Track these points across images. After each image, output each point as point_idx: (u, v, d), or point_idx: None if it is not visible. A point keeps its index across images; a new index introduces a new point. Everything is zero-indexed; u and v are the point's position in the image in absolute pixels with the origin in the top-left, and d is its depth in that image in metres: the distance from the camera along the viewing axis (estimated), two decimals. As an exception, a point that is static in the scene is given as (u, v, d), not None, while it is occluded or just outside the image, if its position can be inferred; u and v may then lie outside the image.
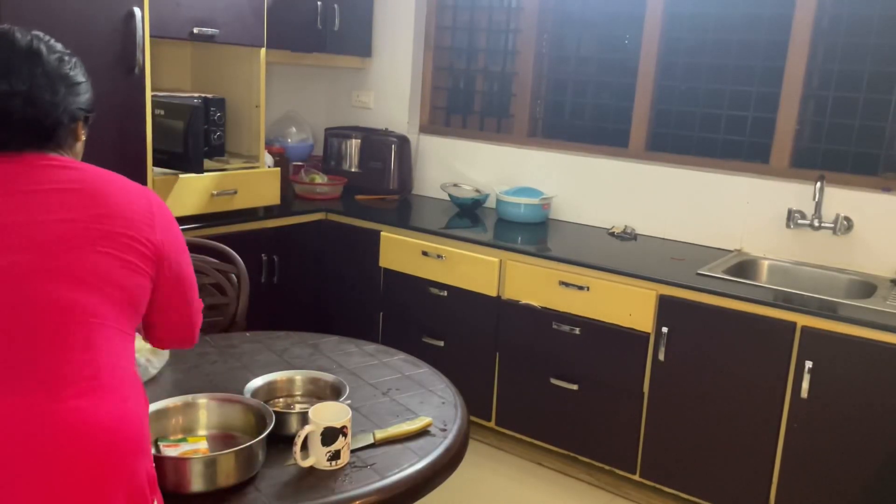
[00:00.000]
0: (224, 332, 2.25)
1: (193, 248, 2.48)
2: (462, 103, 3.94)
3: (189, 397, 1.54)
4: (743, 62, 3.10)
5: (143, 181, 2.78)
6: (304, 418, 1.54)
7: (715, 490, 2.62)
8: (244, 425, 1.52)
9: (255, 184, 3.22)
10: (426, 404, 1.75)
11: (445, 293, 3.13)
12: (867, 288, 2.69)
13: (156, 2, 2.78)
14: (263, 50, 3.23)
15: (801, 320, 2.40)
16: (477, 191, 3.67)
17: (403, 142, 3.82)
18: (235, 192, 3.13)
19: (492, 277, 2.99)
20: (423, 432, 1.61)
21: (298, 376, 1.72)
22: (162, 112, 2.86)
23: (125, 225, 1.22)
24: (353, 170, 3.88)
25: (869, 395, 2.31)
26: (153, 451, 1.41)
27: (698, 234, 3.17)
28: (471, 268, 3.04)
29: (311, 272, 3.53)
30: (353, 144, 3.88)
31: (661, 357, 2.65)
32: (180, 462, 1.33)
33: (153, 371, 1.81)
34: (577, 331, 2.82)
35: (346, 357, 2.00)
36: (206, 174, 2.99)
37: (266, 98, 3.55)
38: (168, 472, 1.32)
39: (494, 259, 2.98)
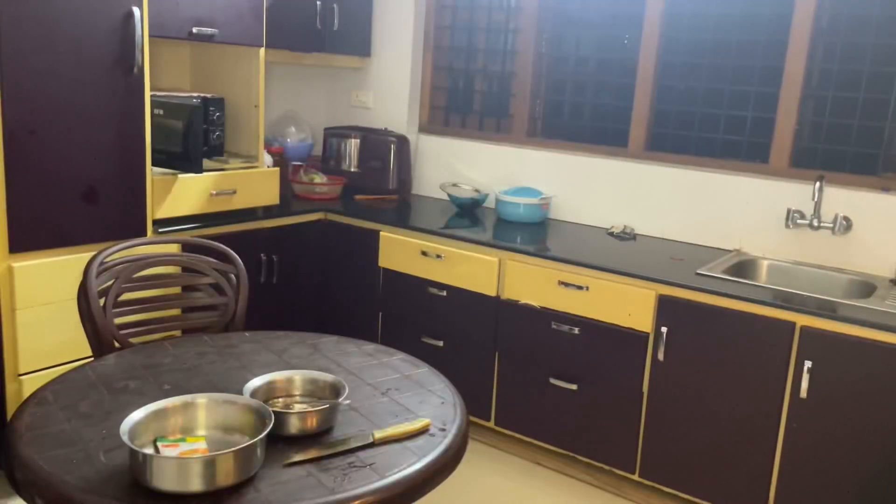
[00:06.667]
0: (223, 332, 2.24)
1: (192, 247, 2.49)
2: (461, 103, 3.94)
3: (188, 397, 1.53)
4: (742, 62, 3.10)
5: (142, 181, 2.78)
6: (303, 418, 1.54)
7: (714, 490, 2.63)
8: (243, 425, 1.52)
9: (254, 184, 3.22)
10: (425, 404, 1.75)
11: (445, 293, 3.13)
12: (866, 288, 2.69)
13: (155, 1, 2.77)
14: (263, 49, 3.22)
15: (801, 320, 2.40)
16: (476, 191, 3.66)
17: (403, 141, 3.82)
18: (234, 192, 3.13)
19: (491, 277, 2.99)
20: (422, 432, 1.61)
21: (298, 376, 1.72)
22: (161, 112, 2.86)
23: None
24: (352, 169, 3.88)
25: (868, 395, 2.31)
26: (152, 450, 1.41)
27: (697, 233, 3.17)
28: (470, 268, 3.04)
29: (311, 272, 3.53)
30: (353, 144, 3.88)
31: (661, 357, 2.65)
32: (179, 462, 1.33)
33: None
34: (577, 331, 2.82)
35: (345, 357, 1.99)
36: (205, 174, 2.99)
37: (265, 98, 3.55)
38: (167, 472, 1.32)
39: (494, 259, 2.98)
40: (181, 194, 2.94)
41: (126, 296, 2.24)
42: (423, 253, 3.15)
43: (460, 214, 3.53)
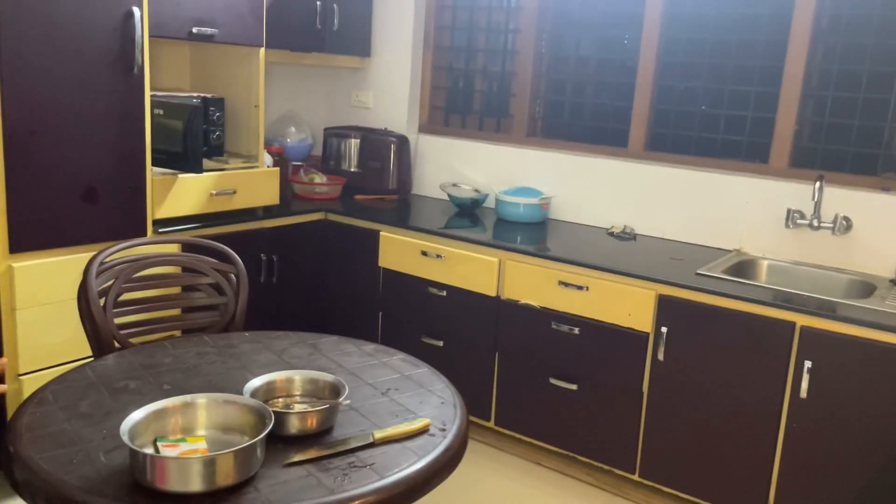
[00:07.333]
0: (223, 332, 2.24)
1: (192, 247, 2.49)
2: (461, 103, 3.94)
3: (188, 397, 1.53)
4: (742, 62, 3.10)
5: (142, 181, 2.78)
6: (303, 418, 1.54)
7: (714, 490, 2.63)
8: (243, 425, 1.52)
9: (254, 184, 3.22)
10: (425, 404, 1.75)
11: (445, 293, 3.13)
12: (866, 288, 2.69)
13: (155, 1, 2.77)
14: (263, 50, 3.22)
15: (801, 320, 2.40)
16: (476, 191, 3.66)
17: (402, 141, 3.82)
18: (234, 192, 3.13)
19: (491, 277, 2.99)
20: (422, 432, 1.61)
21: (297, 376, 1.72)
22: (161, 112, 2.86)
23: None
24: (352, 169, 3.88)
25: (868, 395, 2.31)
26: (152, 450, 1.41)
27: (697, 233, 3.17)
28: (470, 268, 3.03)
29: (311, 272, 3.53)
30: (353, 144, 3.88)
31: (661, 357, 2.65)
32: (179, 462, 1.33)
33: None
34: (577, 331, 2.82)
35: (345, 357, 1.99)
36: (205, 174, 2.99)
37: (265, 98, 3.55)
38: (167, 472, 1.32)
39: (494, 259, 2.98)
40: (181, 194, 2.94)
41: (126, 296, 2.24)
42: (423, 253, 3.15)
43: (460, 214, 3.53)
